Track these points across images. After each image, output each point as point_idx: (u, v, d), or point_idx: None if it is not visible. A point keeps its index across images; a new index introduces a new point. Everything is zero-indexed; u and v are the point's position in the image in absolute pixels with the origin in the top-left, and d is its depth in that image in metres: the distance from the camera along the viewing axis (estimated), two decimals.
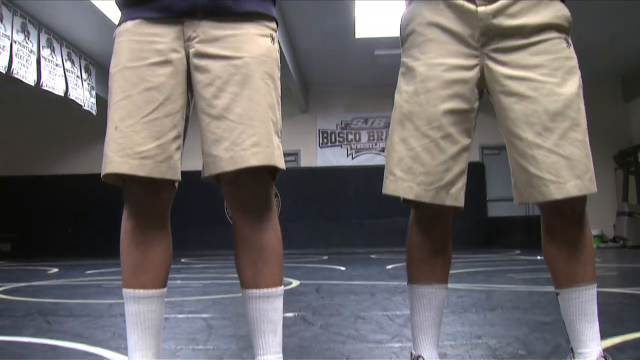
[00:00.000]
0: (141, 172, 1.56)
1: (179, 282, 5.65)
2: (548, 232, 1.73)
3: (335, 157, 13.47)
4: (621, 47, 10.82)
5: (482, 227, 12.42)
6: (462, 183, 1.67)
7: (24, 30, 8.08)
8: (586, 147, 1.60)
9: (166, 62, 1.61)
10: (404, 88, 1.69)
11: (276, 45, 1.71)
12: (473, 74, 1.64)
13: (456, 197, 1.66)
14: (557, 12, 1.64)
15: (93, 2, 7.96)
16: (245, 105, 1.58)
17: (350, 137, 13.55)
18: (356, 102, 13.42)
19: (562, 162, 1.56)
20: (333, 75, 12.53)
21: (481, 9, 1.61)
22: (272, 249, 1.68)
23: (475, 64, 1.64)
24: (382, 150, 13.24)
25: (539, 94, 1.58)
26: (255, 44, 1.63)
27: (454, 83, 1.63)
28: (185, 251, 10.62)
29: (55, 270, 8.03)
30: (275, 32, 1.72)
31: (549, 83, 1.58)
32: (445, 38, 1.64)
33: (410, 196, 1.64)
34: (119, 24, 1.69)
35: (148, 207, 1.66)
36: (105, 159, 1.58)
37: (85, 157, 12.96)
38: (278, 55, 1.72)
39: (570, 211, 1.65)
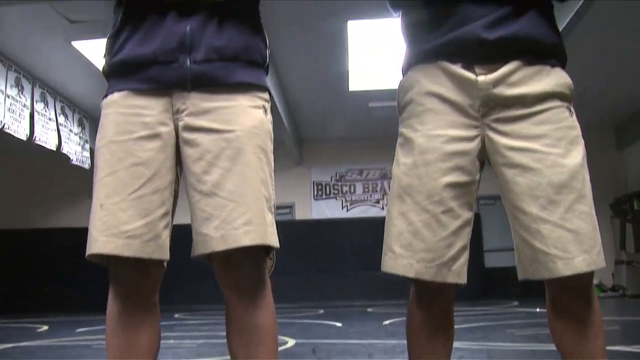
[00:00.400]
0: (127, 253, 1.48)
1: (171, 341, 5.49)
2: (554, 308, 1.64)
3: (330, 210, 13.35)
4: (614, 95, 10.87)
5: (479, 278, 12.25)
6: (464, 259, 1.59)
7: (17, 84, 8.06)
8: (593, 219, 1.53)
9: (154, 136, 1.54)
10: (402, 160, 1.62)
11: (269, 116, 1.64)
12: (474, 145, 1.57)
13: (458, 273, 1.58)
14: (559, 80, 1.59)
15: (88, 57, 7.97)
16: (236, 181, 1.51)
17: (345, 189, 13.46)
18: (351, 154, 13.37)
19: (569, 237, 1.49)
20: (327, 128, 12.52)
21: (481, 78, 1.55)
22: (266, 329, 1.59)
23: (476, 134, 1.58)
24: (377, 201, 13.17)
25: (542, 166, 1.51)
26: (248, 116, 1.57)
27: (454, 155, 1.56)
28: (179, 306, 10.43)
29: (45, 327, 7.83)
30: (268, 102, 1.65)
31: (552, 154, 1.52)
32: (445, 108, 1.58)
33: (411, 274, 1.56)
34: (106, 95, 1.62)
35: (135, 288, 1.57)
36: (90, 238, 1.50)
37: (77, 210, 12.80)
38: (271, 127, 1.65)
39: (578, 286, 1.58)
